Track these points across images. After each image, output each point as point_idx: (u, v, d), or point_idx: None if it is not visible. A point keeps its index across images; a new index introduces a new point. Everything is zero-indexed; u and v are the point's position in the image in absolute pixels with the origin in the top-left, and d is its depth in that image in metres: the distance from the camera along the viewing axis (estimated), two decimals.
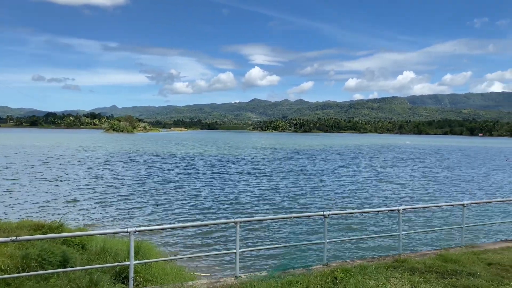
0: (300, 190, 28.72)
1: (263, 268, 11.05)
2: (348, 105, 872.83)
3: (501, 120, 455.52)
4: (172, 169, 41.01)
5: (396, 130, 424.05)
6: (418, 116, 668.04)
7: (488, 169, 48.49)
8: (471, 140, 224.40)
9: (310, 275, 8.16)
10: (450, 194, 28.84)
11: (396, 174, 40.61)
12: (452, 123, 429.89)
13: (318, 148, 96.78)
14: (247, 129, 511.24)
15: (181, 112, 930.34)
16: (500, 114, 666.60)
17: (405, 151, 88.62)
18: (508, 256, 9.78)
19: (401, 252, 9.88)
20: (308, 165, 49.62)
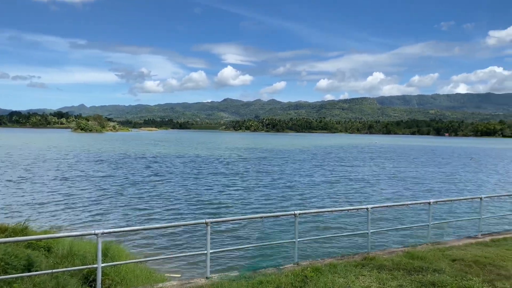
0: (272, 190, 28.86)
1: (234, 269, 11.03)
2: (320, 105, 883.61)
3: (466, 120, 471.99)
4: (142, 170, 40.38)
5: (366, 130, 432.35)
6: (387, 117, 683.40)
7: (454, 168, 50.14)
8: (437, 140, 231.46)
9: (281, 275, 8.21)
10: (417, 192, 29.65)
11: (365, 174, 41.40)
12: (419, 123, 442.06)
13: (290, 148, 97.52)
14: (220, 128, 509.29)
15: (152, 111, 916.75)
16: (465, 114, 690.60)
17: (374, 151, 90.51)
18: (471, 252, 10.13)
19: (370, 250, 10.08)
20: (280, 165, 49.92)
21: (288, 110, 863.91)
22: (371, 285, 7.65)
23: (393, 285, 7.64)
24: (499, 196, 16.11)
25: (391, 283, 7.78)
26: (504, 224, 17.60)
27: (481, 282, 7.88)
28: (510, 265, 9.01)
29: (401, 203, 11.77)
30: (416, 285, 7.69)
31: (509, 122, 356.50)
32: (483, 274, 8.36)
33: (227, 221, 9.81)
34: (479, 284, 7.76)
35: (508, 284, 7.79)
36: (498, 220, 18.44)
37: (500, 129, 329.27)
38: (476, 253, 10.05)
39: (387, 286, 7.62)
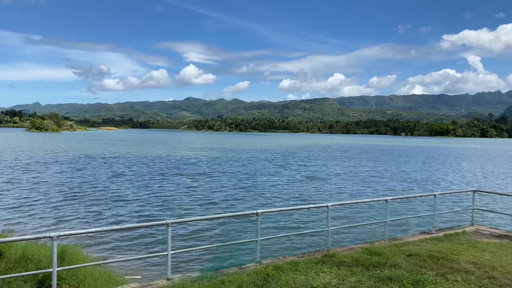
0: (235, 189, 28.85)
1: (196, 269, 10.96)
2: (282, 105, 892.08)
3: (421, 120, 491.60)
4: (101, 171, 39.26)
5: (326, 130, 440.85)
6: (347, 117, 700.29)
7: (410, 167, 52.05)
8: (394, 139, 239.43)
9: (243, 274, 8.23)
10: (376, 190, 30.56)
11: (326, 173, 42.21)
12: (377, 123, 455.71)
13: (253, 148, 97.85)
14: (182, 128, 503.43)
15: (111, 110, 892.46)
16: (420, 115, 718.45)
17: (335, 151, 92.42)
18: (426, 247, 10.55)
19: (330, 247, 10.29)
20: (243, 165, 50.01)
21: (251, 109, 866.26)
22: (331, 282, 7.81)
23: (352, 281, 7.83)
24: (451, 193, 16.86)
25: (350, 279, 7.98)
26: (456, 220, 18.45)
27: (434, 275, 8.23)
28: (461, 259, 9.46)
29: (360, 201, 12.07)
30: (374, 280, 7.91)
31: (461, 122, 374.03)
32: (437, 268, 8.73)
33: (189, 221, 9.71)
34: (433, 277, 8.09)
35: (459, 277, 8.18)
36: (451, 216, 19.32)
37: (452, 129, 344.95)
38: (430, 248, 10.48)
39: (346, 282, 7.80)
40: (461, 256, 9.76)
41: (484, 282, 7.94)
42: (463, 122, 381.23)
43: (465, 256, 9.77)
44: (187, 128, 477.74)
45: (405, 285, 7.63)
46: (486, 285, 7.75)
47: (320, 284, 7.63)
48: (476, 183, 36.92)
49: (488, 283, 7.89)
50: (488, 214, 18.75)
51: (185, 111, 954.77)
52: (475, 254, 9.95)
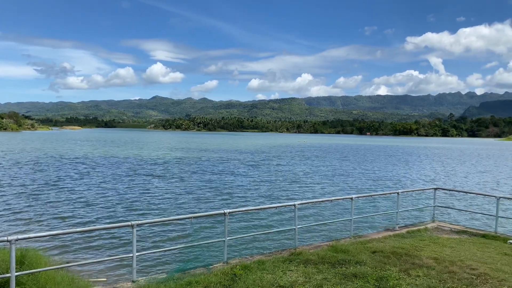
0: (202, 190, 28.63)
1: (163, 271, 10.79)
2: (251, 105, 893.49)
3: (386, 120, 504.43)
4: (64, 171, 38.06)
5: (295, 129, 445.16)
6: (314, 116, 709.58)
7: (374, 165, 53.32)
8: (360, 138, 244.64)
9: (210, 274, 8.20)
10: (342, 189, 31.11)
11: (294, 172, 42.60)
12: (344, 123, 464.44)
13: (222, 147, 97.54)
14: (148, 127, 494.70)
15: (75, 109, 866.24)
16: (385, 115, 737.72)
17: (303, 150, 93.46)
18: (389, 244, 10.83)
19: (297, 246, 10.38)
20: (211, 165, 49.75)
21: (220, 109, 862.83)
22: (298, 280, 7.88)
23: (318, 279, 7.93)
24: (413, 191, 17.40)
25: (317, 276, 8.08)
26: (418, 217, 19.05)
27: (398, 271, 8.45)
28: (423, 255, 9.77)
29: (326, 199, 12.28)
30: (340, 277, 8.05)
31: (423, 122, 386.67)
32: (400, 264, 8.98)
33: (155, 222, 9.58)
34: (396, 273, 8.31)
35: (421, 272, 8.44)
36: (414, 213, 19.94)
37: (415, 128, 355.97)
38: (393, 244, 10.77)
39: (312, 279, 7.89)
40: (423, 252, 10.08)
41: (444, 276, 8.23)
42: (425, 122, 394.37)
43: (426, 252, 10.10)
44: (154, 128, 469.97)
45: (369, 282, 7.80)
46: (446, 280, 8.03)
47: (287, 283, 7.69)
48: (437, 181, 38.24)
49: (447, 277, 8.18)
50: (448, 210, 19.47)
51: (152, 110, 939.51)
52: (436, 250, 10.30)
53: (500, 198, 12.86)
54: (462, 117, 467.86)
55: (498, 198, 12.80)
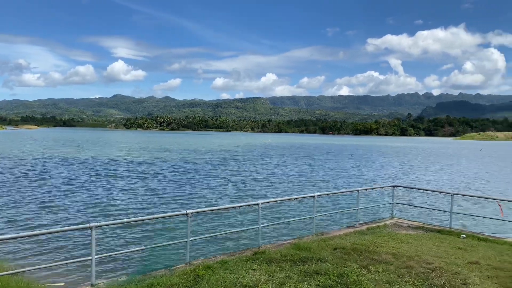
0: (165, 190, 28.20)
1: (123, 273, 10.55)
2: (216, 104, 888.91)
3: (347, 120, 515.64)
4: (18, 173, 36.45)
5: (259, 129, 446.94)
6: (279, 116, 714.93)
7: (336, 164, 54.41)
8: (323, 138, 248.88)
9: (172, 275, 8.09)
10: (305, 187, 31.54)
11: (258, 171, 42.78)
12: (307, 123, 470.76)
13: (185, 147, 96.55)
14: (109, 127, 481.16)
15: (31, 107, 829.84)
16: (346, 115, 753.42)
17: (267, 149, 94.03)
18: (350, 241, 11.08)
19: (260, 245, 10.42)
20: (174, 165, 49.15)
21: (183, 108, 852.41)
22: (261, 278, 7.91)
23: (281, 277, 8.00)
24: (373, 188, 17.90)
25: (279, 274, 8.14)
26: (378, 214, 19.60)
27: (358, 267, 8.66)
28: (382, 251, 10.06)
29: (289, 198, 12.41)
30: (302, 274, 8.15)
31: (383, 122, 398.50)
32: (360, 260, 9.20)
33: (115, 224, 9.34)
34: (356, 269, 8.51)
35: (380, 267, 8.68)
36: (373, 210, 20.49)
37: (375, 128, 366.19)
38: (354, 241, 11.02)
39: (275, 278, 7.95)
40: (382, 248, 10.37)
41: (402, 271, 8.50)
42: (385, 121, 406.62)
43: (385, 247, 10.40)
44: (115, 127, 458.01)
45: (330, 278, 7.94)
46: (404, 274, 8.30)
47: (250, 282, 7.70)
48: (396, 179, 39.50)
49: (405, 272, 8.46)
50: (406, 207, 20.12)
51: (112, 108, 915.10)
52: (394, 246, 10.63)
53: (454, 194, 13.42)
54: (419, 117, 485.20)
55: (452, 194, 13.36)
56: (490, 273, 8.53)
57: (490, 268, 8.90)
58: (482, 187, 35.00)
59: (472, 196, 18.63)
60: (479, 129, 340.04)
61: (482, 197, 19.07)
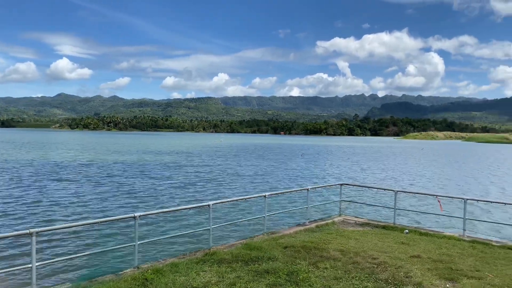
0: (112, 193, 27.26)
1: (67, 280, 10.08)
2: (166, 104, 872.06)
3: (298, 120, 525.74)
4: None
5: (211, 129, 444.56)
6: (231, 116, 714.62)
7: (287, 163, 55.25)
8: (274, 137, 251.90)
9: (120, 280, 7.86)
10: (257, 187, 31.74)
11: (209, 172, 42.52)
12: (259, 123, 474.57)
13: (133, 148, 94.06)
14: (53, 127, 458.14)
15: None
16: (297, 115, 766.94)
17: (219, 150, 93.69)
18: (300, 239, 11.27)
19: (211, 246, 10.34)
20: (121, 167, 47.73)
21: (132, 107, 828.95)
22: (211, 280, 7.86)
23: (231, 277, 7.98)
24: (322, 187, 18.34)
25: (230, 275, 8.12)
26: (327, 211, 20.06)
27: (307, 265, 8.83)
28: (330, 247, 10.32)
29: (240, 198, 12.41)
30: (252, 274, 8.18)
31: (332, 122, 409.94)
32: (309, 257, 9.38)
33: (58, 229, 8.91)
34: (305, 267, 8.67)
35: (328, 264, 8.90)
36: (323, 208, 20.98)
37: (325, 128, 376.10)
38: (304, 239, 11.23)
39: (226, 278, 7.92)
40: (330, 244, 10.64)
41: (349, 267, 8.77)
42: (333, 122, 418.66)
43: (333, 244, 10.68)
44: (59, 127, 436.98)
45: (281, 277, 8.03)
46: (351, 270, 8.57)
47: (200, 284, 7.63)
48: (344, 177, 40.76)
49: (352, 268, 8.74)
50: (354, 204, 20.80)
51: (56, 108, 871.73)
52: (342, 242, 10.95)
53: (397, 192, 14.06)
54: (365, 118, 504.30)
55: (396, 192, 13.99)
56: (430, 266, 9.00)
57: (430, 261, 9.40)
58: (424, 184, 36.94)
59: (414, 192, 19.60)
60: (421, 129, 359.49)
61: (423, 194, 20.08)
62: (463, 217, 12.38)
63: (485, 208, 22.85)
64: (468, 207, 12.37)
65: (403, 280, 8.04)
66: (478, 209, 22.59)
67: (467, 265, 9.13)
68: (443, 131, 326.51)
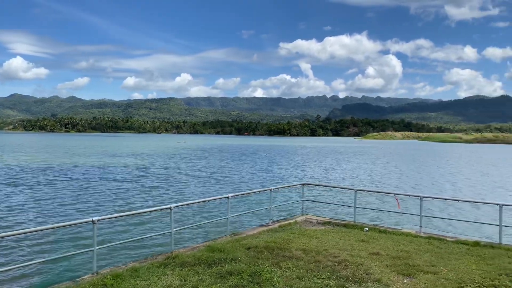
0: (69, 197, 26.23)
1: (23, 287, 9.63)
2: (126, 104, 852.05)
3: (262, 121, 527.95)
4: None
5: (174, 130, 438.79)
6: (194, 117, 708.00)
7: (251, 164, 55.38)
8: (238, 138, 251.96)
9: (77, 287, 7.60)
10: (220, 188, 31.58)
11: (171, 174, 41.95)
12: (223, 124, 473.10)
13: (91, 150, 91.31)
14: (6, 129, 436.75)
15: None
16: (261, 116, 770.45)
17: (182, 151, 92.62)
18: (263, 239, 11.30)
19: (173, 249, 10.18)
20: (79, 169, 46.22)
21: (91, 108, 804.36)
22: (173, 284, 7.73)
23: (193, 280, 7.89)
24: (285, 187, 18.49)
25: (192, 278, 8.02)
26: (289, 211, 20.26)
27: (270, 265, 8.86)
28: (293, 247, 10.41)
29: (203, 200, 12.29)
30: (215, 276, 8.11)
31: (295, 123, 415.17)
32: (272, 257, 9.42)
33: (11, 235, 8.47)
34: (268, 267, 8.70)
35: (290, 264, 8.97)
36: (286, 208, 21.15)
37: (288, 129, 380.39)
38: (267, 239, 11.26)
39: (188, 282, 7.82)
40: (292, 244, 10.74)
41: (311, 266, 8.88)
42: (296, 123, 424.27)
43: (296, 244, 10.78)
44: (12, 129, 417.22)
45: (243, 278, 8.01)
46: (313, 269, 8.68)
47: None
48: (306, 177, 41.33)
49: (314, 266, 8.85)
50: (315, 204, 21.13)
51: (10, 109, 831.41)
52: (304, 241, 11.07)
53: (357, 190, 14.39)
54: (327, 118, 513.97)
55: (355, 190, 14.32)
56: (389, 262, 9.27)
57: (389, 257, 9.68)
58: (383, 182, 38.07)
59: (373, 191, 20.15)
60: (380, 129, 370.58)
61: (382, 192, 20.69)
62: (420, 214, 12.83)
63: (440, 205, 23.81)
64: (424, 204, 12.82)
65: (363, 277, 8.23)
66: (434, 206, 23.51)
67: (423, 261, 9.46)
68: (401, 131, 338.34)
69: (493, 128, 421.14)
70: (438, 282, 8.05)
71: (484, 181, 39.79)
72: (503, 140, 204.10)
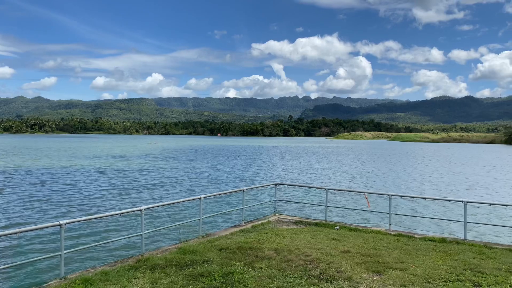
0: (35, 200, 25.36)
1: None
2: (96, 105, 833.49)
3: (234, 121, 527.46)
4: None
5: (145, 131, 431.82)
6: (165, 117, 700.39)
7: (224, 165, 55.20)
8: (211, 139, 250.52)
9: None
10: (192, 189, 31.33)
11: (142, 175, 41.31)
12: (195, 124, 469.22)
13: (59, 153, 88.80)
14: None
15: None
16: (234, 116, 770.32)
17: (153, 152, 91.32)
18: (236, 240, 11.28)
19: (144, 251, 10.02)
20: (45, 172, 44.86)
21: (58, 109, 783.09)
22: (144, 286, 7.63)
23: (165, 283, 7.79)
24: (257, 187, 18.55)
25: (164, 281, 7.93)
26: (262, 211, 20.33)
27: (242, 265, 8.85)
28: (265, 247, 10.44)
29: (174, 201, 12.15)
30: (187, 278, 8.04)
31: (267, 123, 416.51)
32: (244, 258, 9.42)
33: None
34: (241, 268, 8.69)
35: (263, 263, 9.00)
36: (258, 208, 21.21)
37: (261, 129, 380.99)
38: (239, 240, 11.25)
39: (159, 284, 7.72)
40: (265, 244, 10.77)
41: (283, 265, 8.93)
42: (269, 123, 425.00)
43: (268, 244, 10.82)
44: None
45: (216, 279, 7.98)
46: (285, 268, 8.73)
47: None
48: (278, 177, 41.54)
49: (286, 266, 8.91)
50: (288, 203, 21.30)
51: None
52: (276, 241, 11.12)
53: (328, 190, 14.58)
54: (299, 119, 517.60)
55: (327, 190, 14.50)
56: (359, 260, 9.44)
57: (359, 255, 9.86)
58: (353, 181, 38.73)
59: (344, 190, 20.43)
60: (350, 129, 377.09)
61: (352, 191, 21.02)
62: (389, 212, 13.13)
63: (408, 203, 24.45)
64: (393, 202, 13.13)
65: (334, 275, 8.34)
66: (402, 204, 24.12)
67: (392, 258, 9.69)
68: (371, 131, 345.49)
69: (458, 128, 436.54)
70: (407, 278, 8.26)
71: (450, 179, 41.12)
72: (467, 139, 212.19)
